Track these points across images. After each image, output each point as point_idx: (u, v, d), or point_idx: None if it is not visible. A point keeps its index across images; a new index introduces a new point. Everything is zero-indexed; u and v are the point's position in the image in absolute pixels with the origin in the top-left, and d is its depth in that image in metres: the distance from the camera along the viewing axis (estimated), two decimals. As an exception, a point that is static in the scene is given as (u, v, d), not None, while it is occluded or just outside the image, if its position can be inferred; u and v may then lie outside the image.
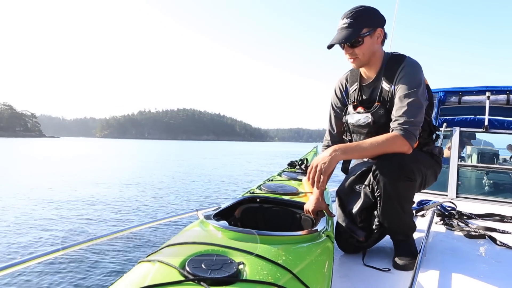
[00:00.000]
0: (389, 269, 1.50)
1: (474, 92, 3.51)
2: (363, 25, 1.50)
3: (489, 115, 3.36)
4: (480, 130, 3.53)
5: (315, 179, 1.40)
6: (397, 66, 1.56)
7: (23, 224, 6.51)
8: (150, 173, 16.32)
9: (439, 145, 1.77)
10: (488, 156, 4.53)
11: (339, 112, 1.78)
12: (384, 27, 1.58)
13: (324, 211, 1.59)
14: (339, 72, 1.69)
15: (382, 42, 1.60)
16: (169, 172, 16.98)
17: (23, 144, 60.86)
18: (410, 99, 1.46)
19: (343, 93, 1.77)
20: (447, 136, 3.61)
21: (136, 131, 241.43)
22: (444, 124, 3.67)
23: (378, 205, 1.51)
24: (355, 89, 1.71)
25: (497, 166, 4.27)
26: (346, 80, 1.76)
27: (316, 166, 1.40)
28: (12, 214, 7.25)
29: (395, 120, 1.49)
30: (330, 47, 1.55)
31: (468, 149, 4.80)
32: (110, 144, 75.09)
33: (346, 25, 1.51)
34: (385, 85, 1.58)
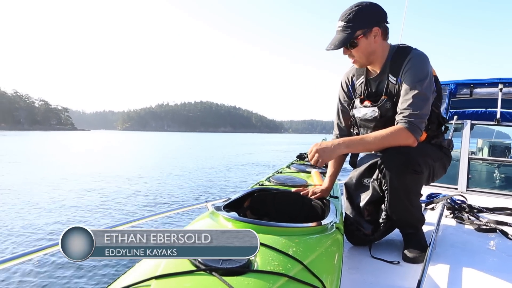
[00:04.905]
0: (399, 262, 1.50)
1: (486, 84, 3.45)
2: (357, 28, 1.48)
3: (502, 107, 3.31)
4: (492, 123, 3.47)
5: (312, 162, 1.42)
6: (403, 58, 1.53)
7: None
8: (175, 164, 16.79)
9: (449, 137, 1.75)
10: (499, 149, 4.47)
11: (346, 106, 1.77)
12: (387, 20, 1.55)
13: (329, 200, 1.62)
14: (351, 64, 1.68)
15: (386, 37, 1.57)
16: (196, 163, 17.53)
17: (65, 136, 64.46)
18: (416, 92, 1.44)
19: (350, 87, 1.75)
20: (458, 129, 3.57)
21: (156, 123, 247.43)
22: (455, 117, 3.62)
23: (386, 199, 1.50)
24: (361, 83, 1.69)
25: (509, 159, 4.21)
26: (353, 74, 1.75)
27: (316, 151, 1.41)
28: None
29: (400, 113, 1.47)
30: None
31: (479, 142, 4.74)
32: (136, 137, 77.97)
33: (341, 28, 1.50)
34: (391, 78, 1.56)
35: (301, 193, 1.68)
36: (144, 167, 15.16)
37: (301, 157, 3.03)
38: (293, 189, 1.73)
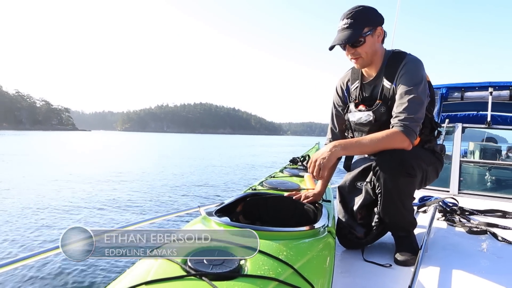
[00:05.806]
0: (391, 265, 1.51)
1: (477, 88, 3.49)
2: (364, 25, 1.50)
3: (492, 111, 3.35)
4: (482, 126, 3.52)
5: (314, 174, 1.44)
6: (398, 63, 1.56)
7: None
8: (172, 167, 16.62)
9: (441, 141, 1.77)
10: (490, 152, 4.53)
11: (341, 110, 1.79)
12: (383, 25, 1.58)
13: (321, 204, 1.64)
14: (350, 66, 1.71)
15: (382, 41, 1.60)
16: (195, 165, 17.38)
17: (69, 137, 64.31)
18: (411, 96, 1.46)
19: (345, 92, 1.77)
20: (449, 132, 3.61)
21: (155, 124, 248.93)
22: (447, 120, 3.66)
23: (379, 201, 1.51)
24: (356, 87, 1.71)
25: (500, 162, 4.26)
26: (348, 78, 1.77)
27: (316, 161, 1.43)
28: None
29: (396, 117, 1.49)
30: (331, 48, 1.55)
31: (471, 145, 4.79)
32: (136, 137, 77.73)
33: (347, 25, 1.51)
34: (386, 83, 1.58)
35: (294, 198, 1.69)
36: (143, 168, 15.14)
37: (294, 161, 3.04)
38: (285, 194, 1.73)
